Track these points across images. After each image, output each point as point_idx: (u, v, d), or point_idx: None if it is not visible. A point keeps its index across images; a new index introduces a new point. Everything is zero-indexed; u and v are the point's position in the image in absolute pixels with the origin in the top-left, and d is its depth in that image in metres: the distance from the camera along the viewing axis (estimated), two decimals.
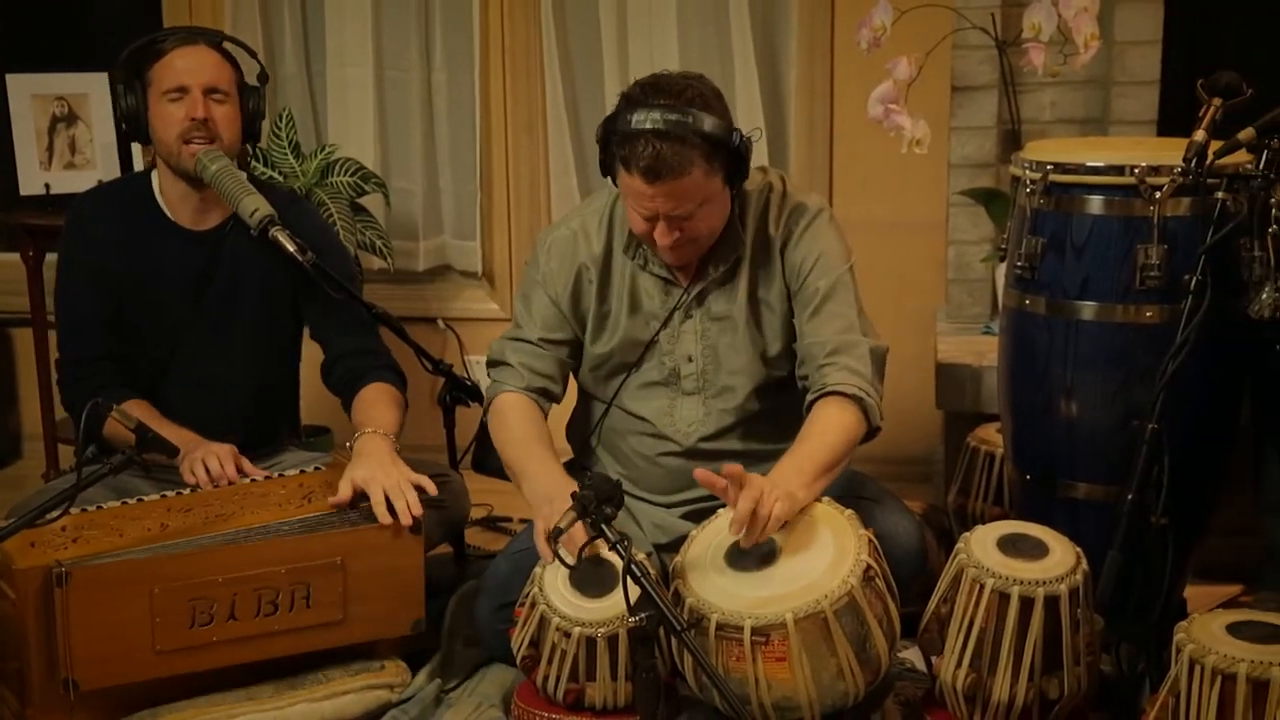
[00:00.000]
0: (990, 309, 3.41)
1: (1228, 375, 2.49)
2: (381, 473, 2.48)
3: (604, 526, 2.15)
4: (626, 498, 2.55)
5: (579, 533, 2.20)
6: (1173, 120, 3.32)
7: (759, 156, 3.65)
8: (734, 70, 3.70)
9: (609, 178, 2.42)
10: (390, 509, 2.44)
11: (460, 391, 2.97)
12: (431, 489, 2.49)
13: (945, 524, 3.08)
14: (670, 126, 2.28)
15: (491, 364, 2.65)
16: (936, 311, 3.57)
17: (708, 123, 2.31)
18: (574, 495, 2.19)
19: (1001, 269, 2.85)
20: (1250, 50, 3.43)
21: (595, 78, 3.82)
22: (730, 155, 2.36)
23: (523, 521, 3.35)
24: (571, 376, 2.68)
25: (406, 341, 2.88)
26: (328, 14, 3.88)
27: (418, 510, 2.43)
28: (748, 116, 3.68)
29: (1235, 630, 2.07)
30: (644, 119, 2.29)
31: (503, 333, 2.66)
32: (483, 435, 2.84)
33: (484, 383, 3.75)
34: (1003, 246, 2.69)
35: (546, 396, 2.61)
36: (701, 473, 2.23)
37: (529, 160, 3.86)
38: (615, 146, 2.33)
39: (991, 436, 2.97)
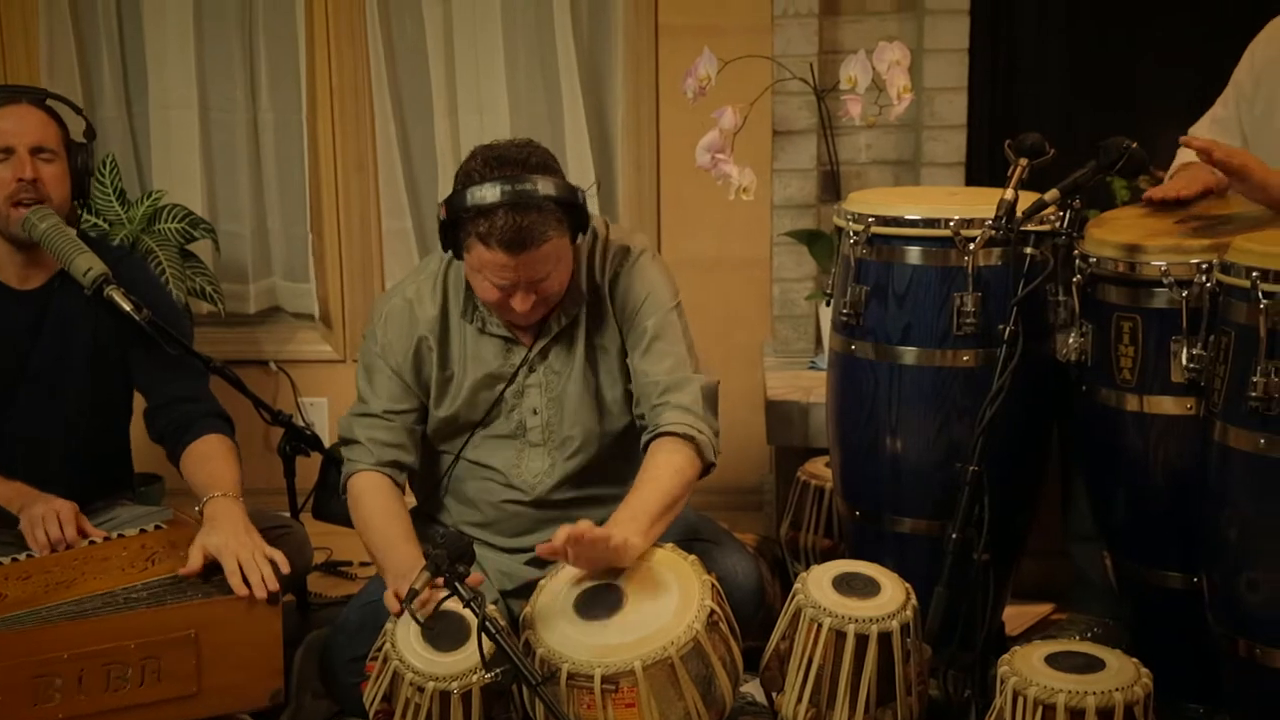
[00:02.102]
0: (815, 345, 3.54)
1: (1039, 413, 2.65)
2: (235, 542, 2.45)
3: (457, 585, 2.19)
4: (474, 544, 2.61)
5: (431, 590, 2.23)
6: (979, 161, 3.52)
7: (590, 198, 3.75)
8: (561, 110, 3.77)
9: (449, 252, 2.45)
10: (245, 579, 2.42)
11: (300, 441, 2.96)
12: (285, 566, 2.45)
13: (778, 554, 3.20)
14: (523, 197, 2.33)
15: (342, 442, 2.65)
16: (763, 345, 3.69)
17: (555, 187, 2.37)
18: (426, 554, 2.23)
19: (826, 308, 2.97)
20: (1043, 96, 3.64)
21: (425, 115, 3.84)
22: (575, 212, 2.43)
23: (364, 565, 3.37)
24: None
25: (244, 393, 2.86)
26: (148, 55, 3.82)
27: (274, 585, 2.41)
28: (576, 156, 3.76)
29: (1053, 661, 2.23)
30: (495, 192, 2.33)
31: (350, 408, 2.67)
32: (322, 482, 2.86)
33: (319, 426, 3.78)
34: (828, 291, 2.81)
35: (399, 468, 2.62)
36: (542, 548, 2.32)
37: (360, 200, 3.86)
38: (467, 223, 2.37)
39: (821, 471, 3.10)
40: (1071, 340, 2.50)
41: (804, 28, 3.42)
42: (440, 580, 2.23)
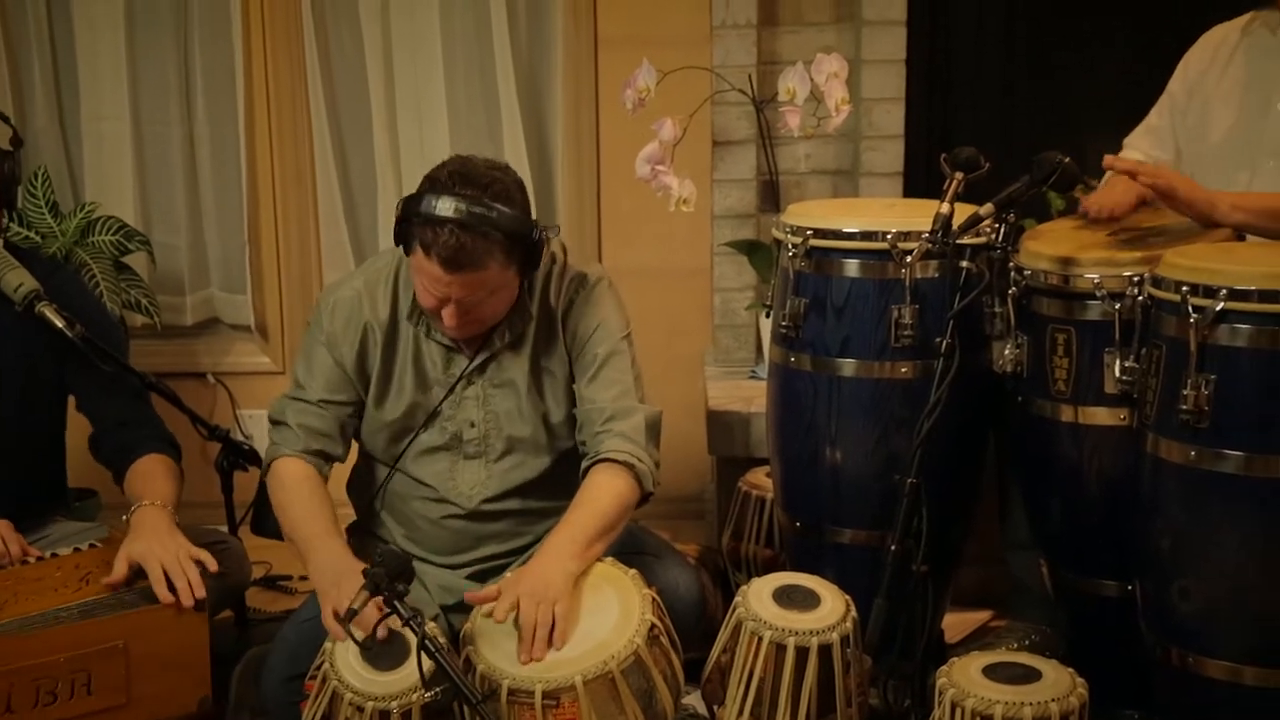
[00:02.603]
0: (756, 354, 3.56)
1: (976, 424, 2.68)
2: (159, 546, 2.43)
3: (397, 604, 2.18)
4: (413, 560, 2.60)
5: (371, 610, 2.22)
6: (917, 170, 3.55)
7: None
8: (500, 121, 3.77)
9: (400, 247, 2.45)
10: (171, 586, 2.40)
11: (237, 456, 2.94)
12: (212, 565, 2.45)
13: (720, 564, 3.21)
14: (474, 220, 2.32)
15: (272, 422, 2.63)
16: (704, 354, 3.70)
17: (510, 218, 2.36)
18: (365, 573, 2.22)
19: (766, 319, 2.99)
20: (980, 105, 3.68)
21: (364, 127, 3.82)
22: (528, 248, 2.42)
23: (303, 579, 3.35)
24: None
25: (181, 409, 2.84)
26: (81, 66, 3.78)
27: (200, 591, 2.40)
28: (514, 167, 3.72)
29: (990, 672, 2.25)
30: (448, 207, 2.32)
31: (284, 390, 2.64)
32: (261, 497, 2.83)
33: (258, 439, 3.74)
34: (767, 303, 2.83)
35: (326, 458, 2.60)
36: (470, 595, 2.36)
37: (298, 211, 3.84)
38: (416, 227, 2.36)
39: (762, 481, 3.11)
40: (1007, 352, 2.52)
41: (742, 39, 3.44)
42: (380, 599, 2.21)
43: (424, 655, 2.13)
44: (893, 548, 2.38)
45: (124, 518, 2.57)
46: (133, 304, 3.50)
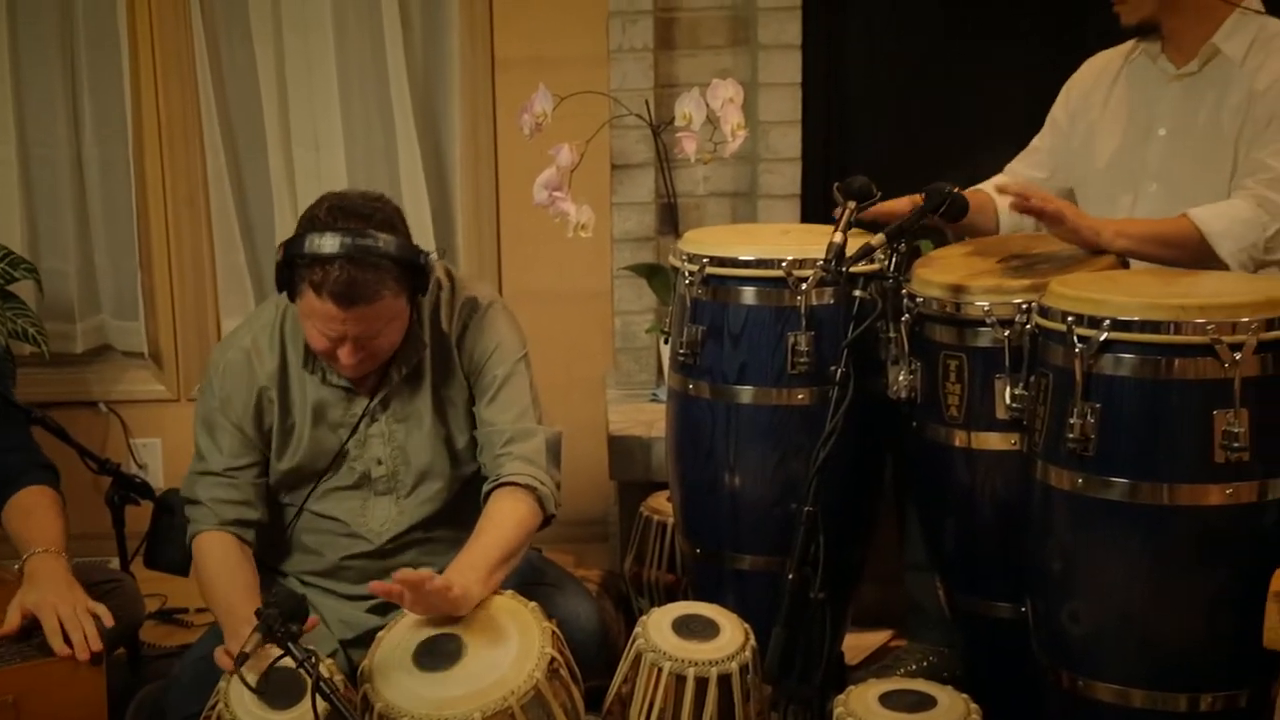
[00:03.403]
0: (657, 376, 3.56)
1: (873, 448, 2.70)
2: (55, 597, 2.37)
3: (290, 646, 2.15)
4: (314, 593, 2.58)
5: (264, 652, 2.19)
6: (814, 191, 3.57)
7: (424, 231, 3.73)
8: (396, 141, 3.74)
9: (284, 293, 2.42)
10: (67, 638, 2.34)
11: (129, 490, 2.88)
12: (108, 619, 2.39)
13: (623, 590, 3.21)
14: (362, 253, 2.31)
15: (185, 502, 2.59)
16: (605, 377, 3.70)
17: (397, 246, 2.35)
18: (258, 613, 2.18)
19: (665, 344, 2.99)
20: (875, 127, 3.72)
21: (259, 150, 3.77)
22: (416, 274, 2.41)
23: (200, 611, 3.29)
24: None
25: (69, 443, 2.77)
26: None
27: (96, 645, 2.33)
28: (412, 191, 3.73)
29: (886, 700, 2.27)
30: (333, 243, 2.30)
31: (190, 466, 2.59)
32: (155, 529, 2.78)
33: (153, 468, 3.70)
34: (665, 329, 2.83)
35: (246, 525, 2.56)
36: (376, 585, 2.28)
37: (191, 235, 3.78)
38: (301, 269, 2.33)
39: (663, 506, 3.11)
40: (901, 378, 2.54)
41: (639, 62, 3.45)
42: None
43: (319, 696, 2.10)
44: (790, 576, 2.39)
45: (16, 566, 2.49)
46: (19, 333, 3.42)
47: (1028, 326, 2.33)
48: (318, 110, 3.72)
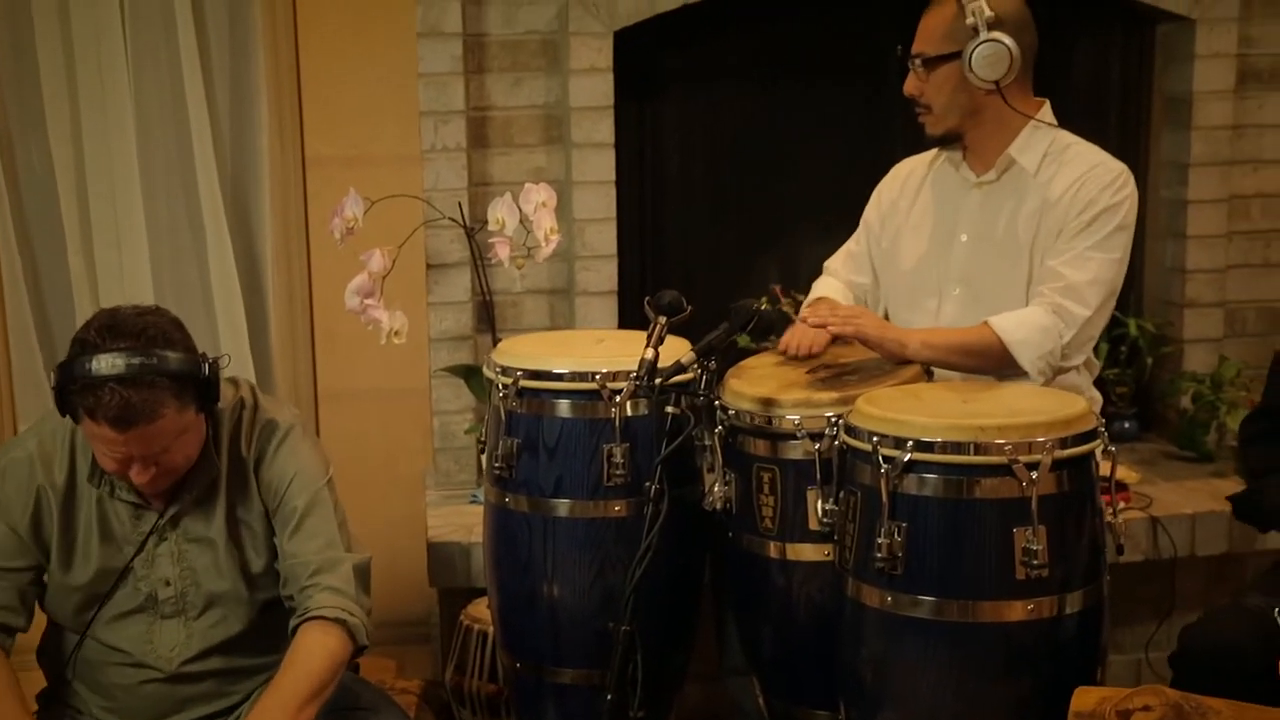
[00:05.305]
0: (477, 475, 3.52)
1: (692, 557, 2.71)
2: None
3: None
4: None
5: None
6: (631, 288, 3.59)
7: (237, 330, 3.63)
8: (205, 241, 3.65)
9: (68, 417, 2.33)
10: None
11: None
12: None
13: (445, 699, 3.14)
14: (135, 372, 2.23)
15: None
16: (425, 475, 3.65)
17: (174, 361, 2.27)
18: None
19: (482, 454, 2.95)
20: (689, 221, 3.76)
21: (58, 251, 3.66)
22: (200, 385, 2.34)
23: None
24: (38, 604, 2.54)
25: None
26: None
27: None
28: (223, 289, 3.64)
29: None
30: (105, 366, 2.22)
31: None
32: None
33: None
34: (482, 439, 2.80)
35: (8, 632, 2.44)
36: None
37: None
38: (76, 395, 2.25)
39: (484, 614, 3.06)
40: (717, 489, 2.56)
41: (452, 161, 3.43)
42: None
43: None
44: (609, 697, 2.37)
45: None
46: None
47: (836, 441, 2.36)
48: (120, 209, 3.61)
